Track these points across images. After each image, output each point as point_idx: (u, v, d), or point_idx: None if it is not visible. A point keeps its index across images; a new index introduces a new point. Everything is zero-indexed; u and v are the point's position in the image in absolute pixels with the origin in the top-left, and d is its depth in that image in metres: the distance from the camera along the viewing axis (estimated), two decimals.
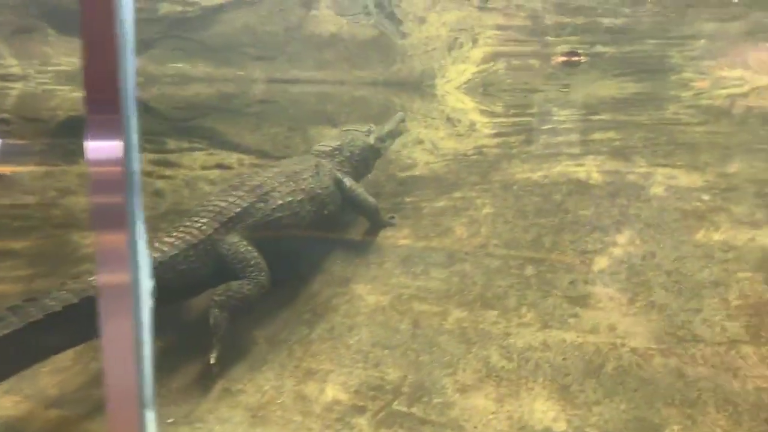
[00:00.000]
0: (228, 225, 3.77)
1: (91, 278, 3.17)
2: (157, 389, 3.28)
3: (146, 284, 1.65)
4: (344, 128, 5.41)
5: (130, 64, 1.55)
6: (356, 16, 6.86)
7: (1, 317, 2.92)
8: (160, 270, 3.39)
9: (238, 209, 3.85)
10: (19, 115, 5.35)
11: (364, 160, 5.13)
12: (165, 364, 3.57)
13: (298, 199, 4.16)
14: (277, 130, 6.24)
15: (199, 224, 3.72)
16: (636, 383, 3.13)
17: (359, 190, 4.72)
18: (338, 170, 4.76)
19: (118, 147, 1.54)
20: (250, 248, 3.74)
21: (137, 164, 1.59)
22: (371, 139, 5.21)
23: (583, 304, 3.70)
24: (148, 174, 5.26)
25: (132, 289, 1.61)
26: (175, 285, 3.48)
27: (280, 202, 4.05)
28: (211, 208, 3.87)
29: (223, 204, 3.87)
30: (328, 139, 5.16)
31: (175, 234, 3.65)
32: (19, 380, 3.22)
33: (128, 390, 1.69)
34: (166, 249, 3.51)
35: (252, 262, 3.70)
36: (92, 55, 1.53)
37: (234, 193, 4.00)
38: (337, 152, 4.92)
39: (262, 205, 3.97)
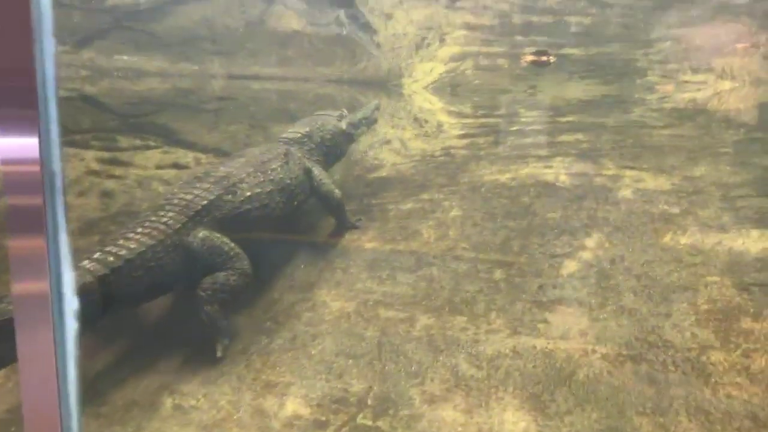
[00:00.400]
0: (195, 219, 3.60)
1: None
2: (99, 407, 3.02)
3: (70, 298, 1.44)
4: (315, 113, 5.27)
5: (49, 52, 1.36)
6: (328, 27, 6.57)
7: None
8: (127, 269, 3.21)
9: (205, 202, 3.68)
10: None
11: (335, 146, 4.99)
12: (109, 377, 3.32)
13: (267, 190, 4.02)
14: (236, 128, 5.98)
15: (166, 219, 3.53)
16: (607, 391, 3.04)
17: (327, 181, 4.57)
18: (308, 158, 4.61)
19: (34, 144, 1.35)
20: (224, 239, 3.61)
21: (58, 163, 1.39)
22: (343, 124, 5.08)
23: (553, 309, 3.61)
24: (96, 173, 4.95)
25: (51, 302, 1.41)
26: (142, 284, 3.30)
27: (248, 193, 3.90)
28: (176, 201, 3.68)
29: (189, 197, 3.69)
30: (298, 125, 4.98)
31: (140, 230, 3.45)
32: None
33: (49, 422, 1.48)
34: (133, 246, 3.31)
35: (231, 253, 3.59)
36: (2, 41, 1.33)
37: (199, 185, 3.81)
38: (306, 139, 4.78)
39: (229, 197, 3.81)
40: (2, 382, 3.13)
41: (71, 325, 1.46)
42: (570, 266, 3.95)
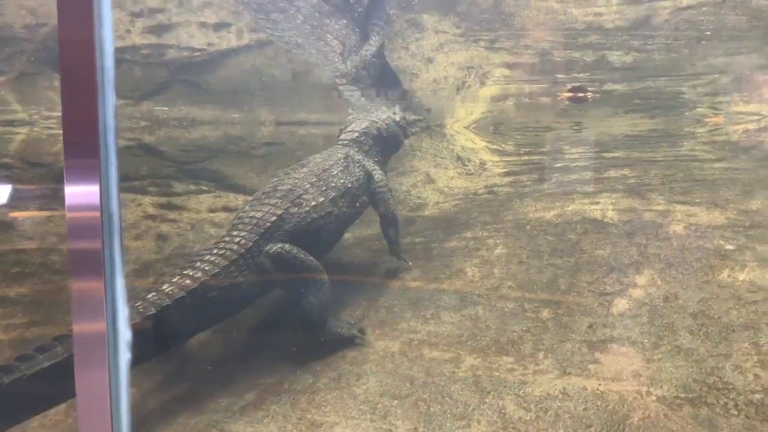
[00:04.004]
0: (266, 236, 3.80)
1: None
2: None
3: (124, 337, 1.53)
4: (368, 107, 5.53)
5: (110, 108, 1.49)
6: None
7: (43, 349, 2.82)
8: (201, 291, 3.39)
9: (274, 218, 3.88)
10: (22, 160, 5.38)
11: (391, 136, 5.17)
12: (160, 414, 3.40)
13: (330, 197, 4.20)
14: None
15: (238, 238, 3.75)
16: None
17: (385, 189, 4.67)
18: (367, 160, 4.75)
19: (95, 192, 1.46)
20: (294, 251, 3.79)
21: (117, 209, 1.50)
22: (396, 116, 5.33)
23: (604, 350, 3.49)
24: (152, 217, 5.21)
25: (108, 339, 1.49)
26: (218, 303, 3.50)
27: (313, 203, 4.08)
28: (247, 220, 3.90)
29: (259, 214, 3.91)
30: (354, 122, 5.12)
31: (215, 251, 3.66)
32: None
33: None
34: (207, 268, 3.51)
35: (305, 264, 3.78)
36: (70, 99, 1.47)
37: (267, 201, 4.03)
38: (363, 137, 4.93)
39: (296, 209, 4.00)
40: (62, 419, 3.26)
41: (125, 362, 1.53)
42: (621, 305, 3.83)
